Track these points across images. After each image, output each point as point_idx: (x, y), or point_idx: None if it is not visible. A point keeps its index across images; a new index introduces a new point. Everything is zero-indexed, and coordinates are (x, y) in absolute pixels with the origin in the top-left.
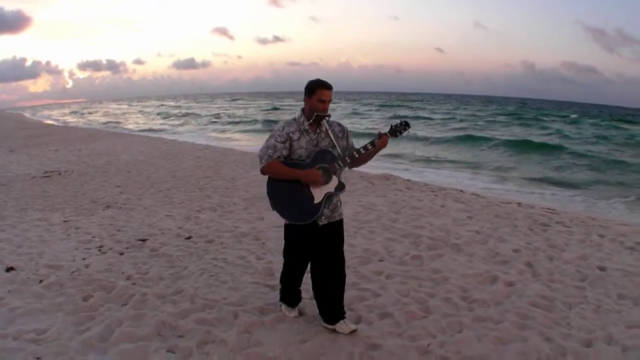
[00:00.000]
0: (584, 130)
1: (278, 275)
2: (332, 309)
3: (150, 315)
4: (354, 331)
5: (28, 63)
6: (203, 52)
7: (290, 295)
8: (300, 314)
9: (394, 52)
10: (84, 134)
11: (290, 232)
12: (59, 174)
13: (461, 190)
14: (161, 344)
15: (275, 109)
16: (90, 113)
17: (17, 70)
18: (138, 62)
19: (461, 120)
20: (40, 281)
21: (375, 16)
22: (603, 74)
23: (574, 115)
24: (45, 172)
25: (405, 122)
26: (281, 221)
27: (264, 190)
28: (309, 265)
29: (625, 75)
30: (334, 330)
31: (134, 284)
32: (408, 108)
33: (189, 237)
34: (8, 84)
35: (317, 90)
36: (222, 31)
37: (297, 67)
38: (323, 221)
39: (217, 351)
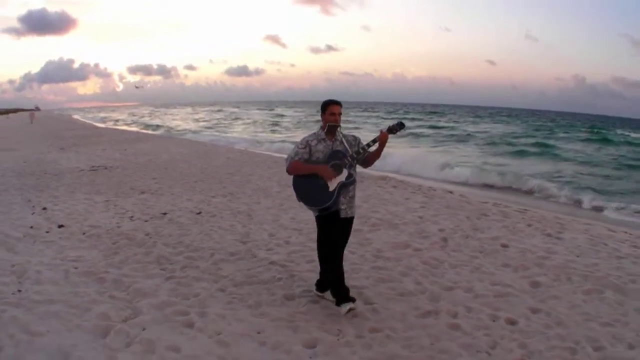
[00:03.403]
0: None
1: (253, 236)
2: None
3: (155, 253)
4: (352, 309)
5: (75, 65)
6: (255, 60)
7: (341, 291)
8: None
9: (446, 64)
10: (132, 136)
11: (321, 224)
12: (105, 168)
13: (450, 192)
14: (157, 266)
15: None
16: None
17: (64, 72)
18: (190, 67)
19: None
20: (84, 233)
21: (426, 27)
22: None
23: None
24: (93, 166)
25: (401, 122)
26: (270, 204)
27: (270, 184)
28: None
29: None
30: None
31: (150, 237)
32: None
33: (199, 213)
34: (56, 84)
35: (328, 107)
36: (274, 39)
37: (350, 77)
38: (343, 214)
39: (191, 271)
